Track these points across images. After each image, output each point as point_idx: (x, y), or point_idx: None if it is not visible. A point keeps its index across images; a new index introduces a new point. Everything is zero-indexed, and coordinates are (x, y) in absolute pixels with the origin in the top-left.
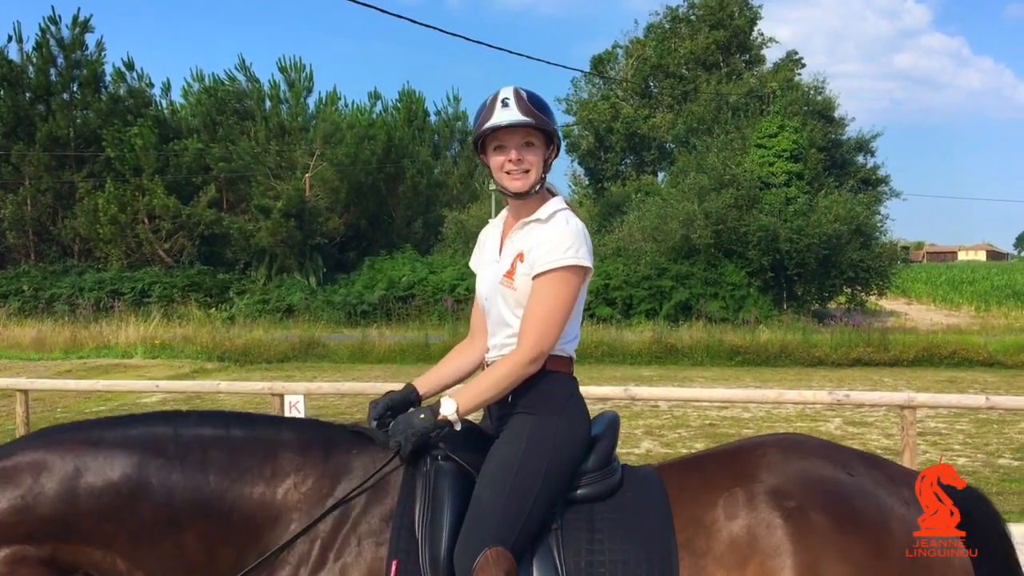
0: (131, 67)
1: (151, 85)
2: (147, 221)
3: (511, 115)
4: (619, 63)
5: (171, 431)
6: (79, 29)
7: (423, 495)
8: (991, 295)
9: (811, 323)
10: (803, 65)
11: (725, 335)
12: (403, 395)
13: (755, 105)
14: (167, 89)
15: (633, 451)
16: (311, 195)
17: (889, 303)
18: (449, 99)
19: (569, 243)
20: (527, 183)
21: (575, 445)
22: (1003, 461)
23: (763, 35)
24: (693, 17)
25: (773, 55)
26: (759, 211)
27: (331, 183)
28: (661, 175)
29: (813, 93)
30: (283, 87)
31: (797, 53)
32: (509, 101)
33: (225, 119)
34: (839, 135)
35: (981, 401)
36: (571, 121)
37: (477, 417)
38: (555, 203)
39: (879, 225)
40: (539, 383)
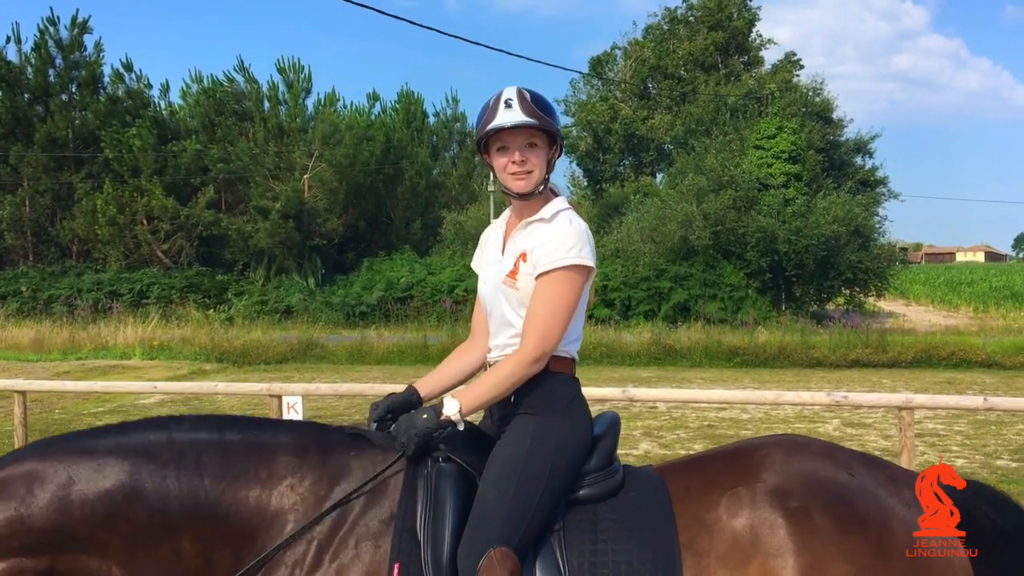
0: (129, 68)
1: (150, 86)
2: (145, 222)
3: (514, 116)
4: (618, 64)
5: (165, 436)
6: (78, 30)
7: (425, 497)
8: (989, 296)
9: (809, 324)
10: (801, 66)
11: (723, 336)
12: (404, 397)
13: (753, 106)
14: (166, 90)
15: (631, 452)
16: (310, 196)
17: (887, 304)
18: (448, 100)
19: (572, 242)
20: (530, 184)
21: (578, 445)
22: (1001, 462)
23: (761, 36)
24: (691, 18)
25: (771, 56)
26: (757, 212)
27: (330, 184)
28: (659, 176)
29: (811, 94)
30: (282, 88)
31: (795, 54)
32: (512, 102)
33: (224, 120)
34: (837, 136)
35: (979, 402)
36: (570, 122)
37: (477, 418)
38: (558, 203)
39: (877, 226)
40: (542, 384)
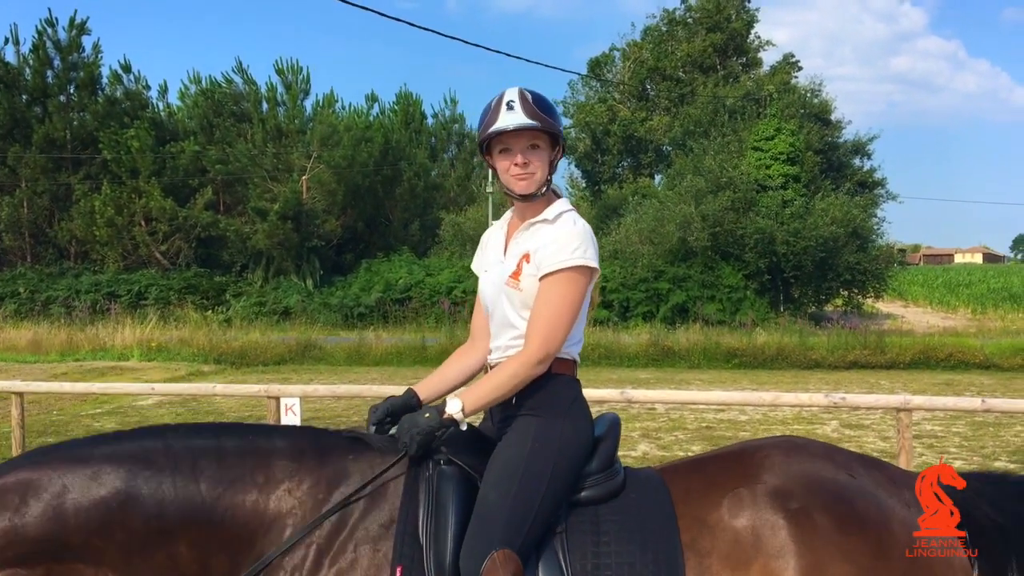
0: (128, 69)
1: (148, 87)
2: (144, 223)
3: (516, 118)
4: (616, 66)
5: (161, 443)
6: (76, 31)
7: (426, 500)
8: (987, 298)
9: (808, 326)
10: (800, 68)
11: (722, 338)
12: (403, 400)
13: (752, 108)
14: (164, 91)
15: (630, 454)
16: (308, 197)
17: (886, 306)
18: (446, 101)
19: (576, 244)
20: (533, 185)
21: (579, 447)
22: (999, 464)
23: (760, 38)
24: (690, 20)
25: (770, 58)
26: (756, 214)
27: (328, 185)
28: (658, 178)
29: (810, 96)
30: (280, 89)
31: (794, 56)
32: (514, 104)
33: (222, 121)
34: (836, 138)
35: (977, 404)
36: (568, 124)
37: (477, 420)
38: (561, 204)
39: (876, 228)
40: (544, 385)
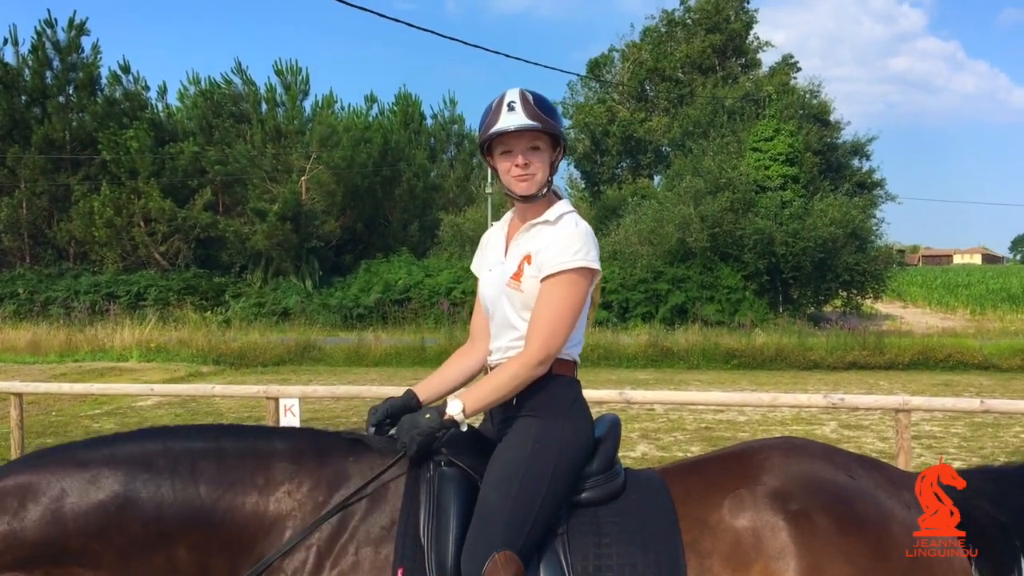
0: (127, 70)
1: (147, 88)
2: (143, 224)
3: (517, 119)
4: (615, 67)
5: (160, 446)
6: (75, 32)
7: (427, 501)
8: (986, 298)
9: (807, 326)
10: (799, 69)
11: (721, 338)
12: (403, 401)
13: (751, 109)
14: (163, 92)
15: (629, 454)
16: (307, 198)
17: (884, 306)
18: (445, 102)
19: (578, 245)
20: (534, 186)
21: (580, 448)
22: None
23: (759, 39)
24: (689, 21)
25: (769, 59)
26: (755, 215)
27: (327, 186)
28: (657, 178)
29: (808, 97)
30: (279, 90)
31: (793, 57)
32: (515, 105)
33: (221, 122)
34: (834, 139)
35: (976, 404)
36: (567, 124)
37: (477, 421)
38: (562, 206)
39: (874, 228)
40: (544, 386)
